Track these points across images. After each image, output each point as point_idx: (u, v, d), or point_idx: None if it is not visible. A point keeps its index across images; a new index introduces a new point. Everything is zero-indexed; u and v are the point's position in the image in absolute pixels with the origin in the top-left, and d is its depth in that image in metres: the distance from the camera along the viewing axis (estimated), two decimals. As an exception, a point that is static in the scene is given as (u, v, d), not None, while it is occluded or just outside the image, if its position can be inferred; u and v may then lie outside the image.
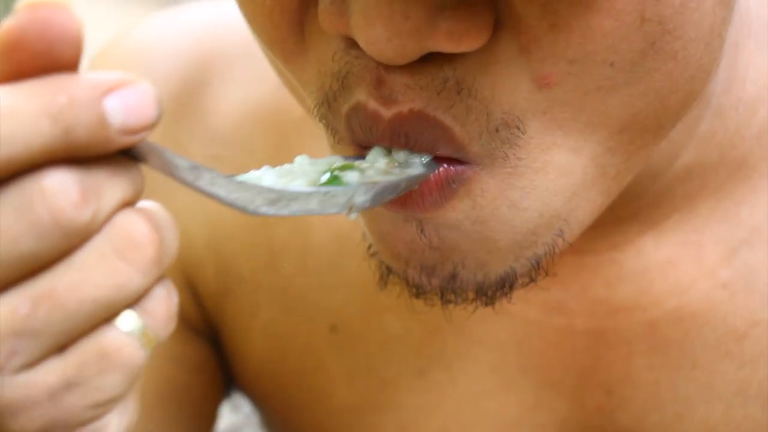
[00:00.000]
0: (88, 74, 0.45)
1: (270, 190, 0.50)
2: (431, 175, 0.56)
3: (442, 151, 0.56)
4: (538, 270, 0.60)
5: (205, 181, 0.48)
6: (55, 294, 0.46)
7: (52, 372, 0.47)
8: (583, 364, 0.73)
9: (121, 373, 0.48)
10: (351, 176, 0.55)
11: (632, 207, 0.70)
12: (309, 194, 0.51)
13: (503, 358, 0.74)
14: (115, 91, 0.45)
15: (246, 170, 0.73)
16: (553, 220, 0.58)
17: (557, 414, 0.74)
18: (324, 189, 0.52)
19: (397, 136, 0.56)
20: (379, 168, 0.56)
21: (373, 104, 0.55)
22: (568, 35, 0.53)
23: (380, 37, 0.52)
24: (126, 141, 0.46)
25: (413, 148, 0.56)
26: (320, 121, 0.59)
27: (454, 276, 0.59)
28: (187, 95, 0.80)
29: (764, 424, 0.71)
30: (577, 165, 0.57)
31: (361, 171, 0.56)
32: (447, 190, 0.56)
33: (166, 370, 0.80)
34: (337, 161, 0.56)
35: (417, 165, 0.57)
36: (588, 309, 0.72)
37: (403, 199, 0.57)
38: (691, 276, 0.71)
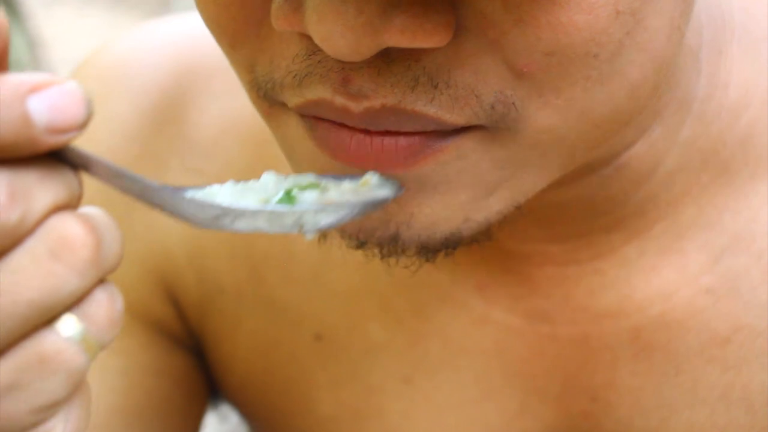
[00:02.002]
0: (11, 74, 0.45)
1: (214, 206, 0.49)
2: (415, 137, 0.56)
3: (440, 128, 0.56)
4: (485, 233, 0.61)
5: (148, 193, 0.48)
6: None
7: None
8: (567, 370, 0.73)
9: (62, 378, 0.48)
10: (308, 196, 0.54)
11: (615, 216, 0.70)
12: (255, 212, 0.50)
13: (487, 365, 0.74)
14: (39, 91, 0.45)
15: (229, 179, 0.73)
16: (516, 188, 0.59)
17: (542, 421, 0.74)
18: (271, 208, 0.51)
19: (372, 124, 0.56)
20: (345, 189, 0.56)
21: (340, 100, 0.55)
22: (537, 29, 0.53)
23: (334, 32, 0.52)
24: (53, 141, 0.46)
25: (398, 131, 0.56)
26: (256, 99, 0.60)
27: (395, 238, 0.59)
28: (166, 108, 0.80)
29: (748, 429, 0.71)
30: (555, 149, 0.58)
31: (323, 191, 0.55)
32: (431, 148, 0.56)
33: (146, 383, 0.80)
34: (305, 180, 0.56)
35: (385, 188, 0.56)
36: (571, 316, 0.72)
37: (362, 154, 0.56)
38: (675, 282, 0.71)
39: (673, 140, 0.68)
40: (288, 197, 0.54)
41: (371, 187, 0.56)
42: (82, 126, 0.46)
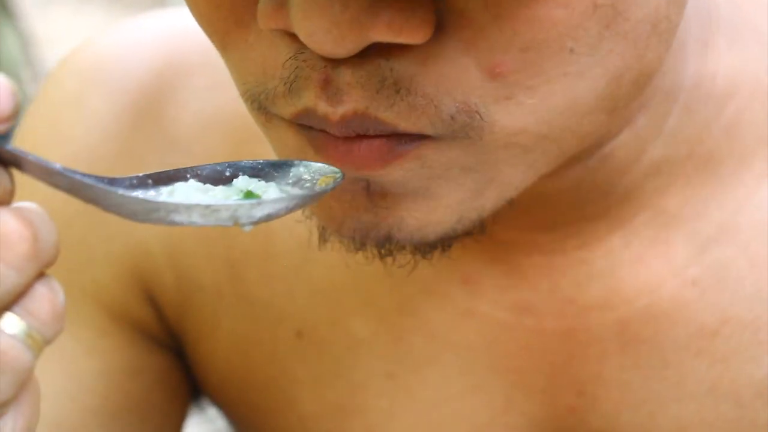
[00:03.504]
0: None
1: (148, 201, 0.50)
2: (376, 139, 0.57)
3: (396, 132, 0.56)
4: (480, 227, 0.61)
5: (80, 189, 0.48)
6: None
7: None
8: (554, 364, 0.73)
9: (8, 378, 0.47)
10: (269, 190, 0.55)
11: (601, 205, 0.70)
12: (189, 207, 0.50)
13: (473, 359, 0.74)
14: None
15: None
16: (504, 187, 0.59)
17: (529, 415, 0.74)
18: (206, 202, 0.51)
19: (346, 131, 0.56)
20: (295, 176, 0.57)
21: (322, 107, 0.56)
22: (514, 24, 0.53)
23: (319, 29, 0.52)
24: None
25: (365, 134, 0.57)
26: (252, 110, 0.60)
27: (388, 238, 0.59)
28: (145, 104, 0.79)
29: (736, 422, 0.71)
30: (539, 145, 0.58)
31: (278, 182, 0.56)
32: (394, 151, 0.57)
33: (124, 384, 0.79)
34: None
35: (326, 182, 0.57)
36: (558, 309, 0.72)
37: (343, 156, 0.57)
38: (661, 274, 0.71)
39: (659, 129, 0.68)
40: (249, 193, 0.54)
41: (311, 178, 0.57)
42: (9, 118, 0.46)
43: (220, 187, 0.55)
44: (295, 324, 0.77)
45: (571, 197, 0.69)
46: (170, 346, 0.82)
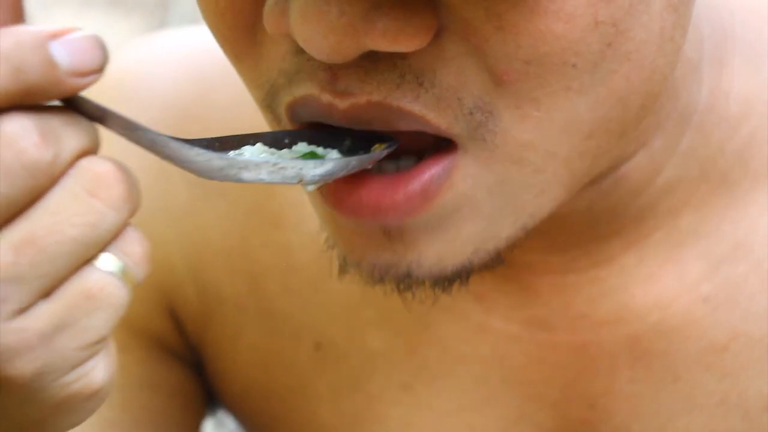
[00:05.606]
0: (29, 26, 0.48)
1: (220, 157, 0.52)
2: (412, 176, 0.58)
3: (423, 129, 0.57)
4: (496, 259, 0.62)
5: (159, 145, 0.51)
6: (35, 238, 0.47)
7: (42, 316, 0.48)
8: (566, 377, 0.73)
9: (107, 313, 0.49)
10: (331, 153, 0.57)
11: (614, 225, 0.70)
12: (258, 164, 0.53)
13: (486, 372, 0.74)
14: (58, 37, 0.48)
15: (229, 192, 0.74)
16: (519, 213, 0.60)
17: (540, 428, 0.74)
18: (274, 160, 0.54)
19: (357, 123, 0.57)
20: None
21: (326, 97, 0.57)
22: (516, 37, 0.54)
23: (316, 34, 0.54)
24: (76, 83, 0.48)
25: (380, 129, 0.57)
26: (265, 113, 0.61)
27: (408, 275, 0.61)
28: (167, 121, 0.79)
29: None
30: (550, 166, 0.59)
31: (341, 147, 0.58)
32: (430, 190, 0.58)
33: (142, 398, 0.80)
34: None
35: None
36: (570, 324, 0.73)
37: (374, 208, 0.58)
38: (673, 291, 0.71)
39: (673, 150, 0.69)
40: (312, 153, 0.57)
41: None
42: (100, 69, 0.49)
43: (285, 150, 0.57)
44: (314, 336, 0.78)
45: (585, 218, 0.70)
46: (188, 360, 0.83)
